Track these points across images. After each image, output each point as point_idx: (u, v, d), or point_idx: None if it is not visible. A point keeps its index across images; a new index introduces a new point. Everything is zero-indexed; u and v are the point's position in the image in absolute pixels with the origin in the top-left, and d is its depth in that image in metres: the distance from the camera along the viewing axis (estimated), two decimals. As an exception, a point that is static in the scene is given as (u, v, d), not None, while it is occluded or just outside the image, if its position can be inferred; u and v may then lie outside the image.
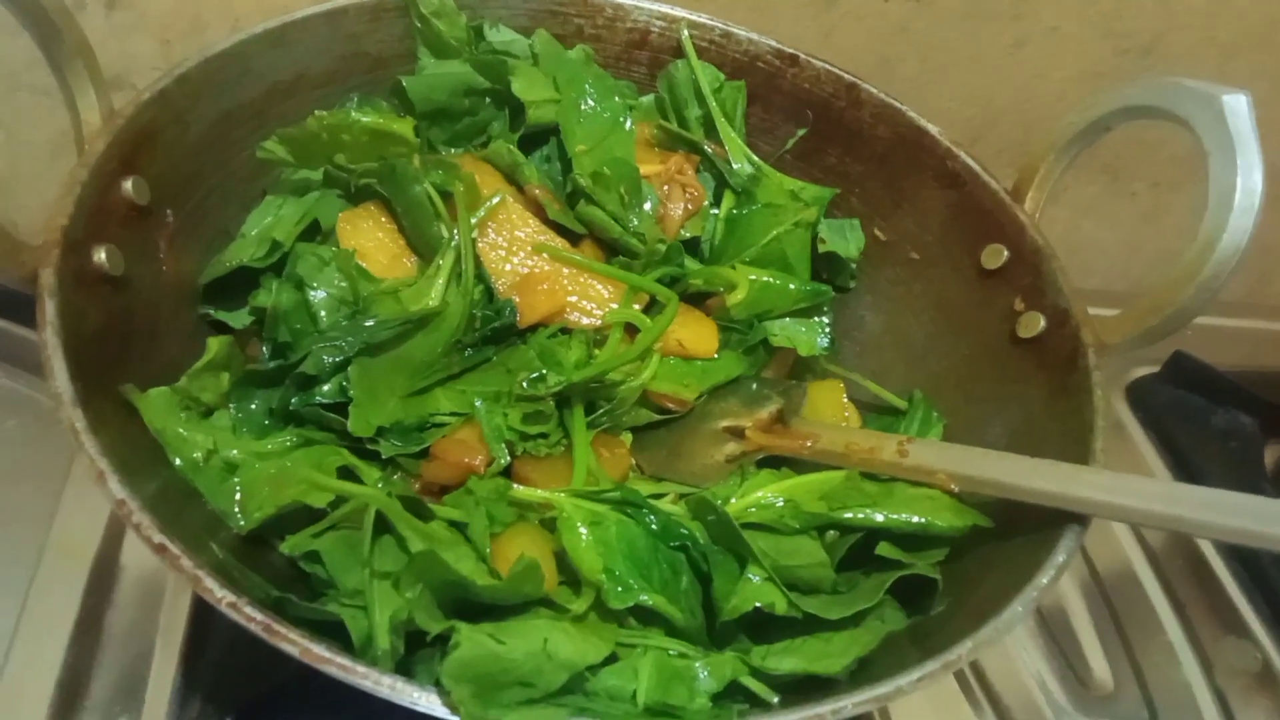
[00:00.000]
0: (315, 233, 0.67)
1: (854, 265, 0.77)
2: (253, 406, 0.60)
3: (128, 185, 0.58)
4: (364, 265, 0.63)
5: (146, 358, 0.57)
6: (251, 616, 0.42)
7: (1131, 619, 0.84)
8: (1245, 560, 0.88)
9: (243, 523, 0.55)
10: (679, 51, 0.79)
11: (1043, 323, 0.67)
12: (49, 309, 0.49)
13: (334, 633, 0.48)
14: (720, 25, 0.79)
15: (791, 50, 0.78)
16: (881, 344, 0.77)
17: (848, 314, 0.79)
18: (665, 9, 0.79)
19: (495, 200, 0.66)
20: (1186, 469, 0.95)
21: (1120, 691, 0.80)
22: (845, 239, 0.77)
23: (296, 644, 0.42)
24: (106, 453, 0.45)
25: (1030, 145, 0.73)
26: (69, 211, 0.53)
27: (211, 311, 0.65)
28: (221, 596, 0.42)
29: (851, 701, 0.45)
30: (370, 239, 0.65)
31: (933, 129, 0.74)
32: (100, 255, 0.54)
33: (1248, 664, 0.83)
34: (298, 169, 0.68)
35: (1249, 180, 0.57)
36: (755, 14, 0.89)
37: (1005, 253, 0.70)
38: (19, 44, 0.57)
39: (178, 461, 0.55)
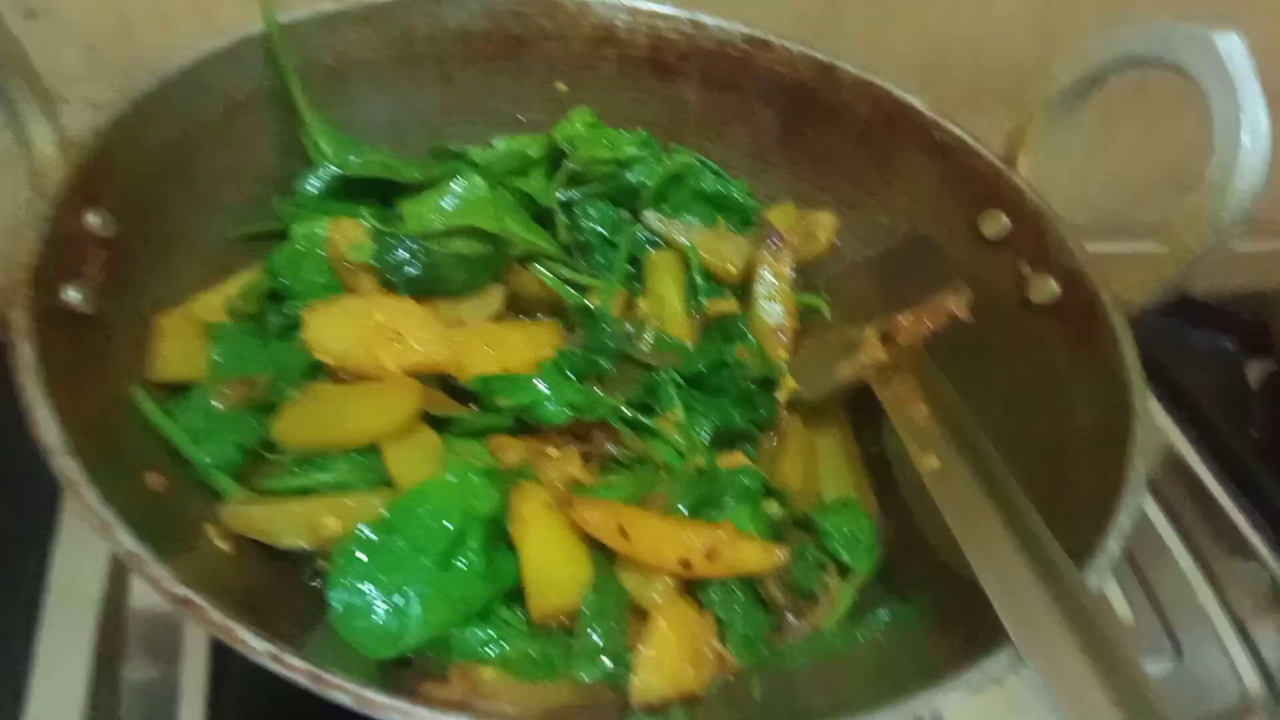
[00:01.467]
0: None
1: None
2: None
3: (91, 217, 0.53)
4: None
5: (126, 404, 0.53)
6: (295, 666, 0.38)
7: (1143, 551, 0.84)
8: (1244, 484, 0.90)
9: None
10: (646, 45, 0.77)
11: (1055, 286, 0.65)
12: (25, 352, 0.44)
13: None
14: (687, 15, 0.77)
15: (763, 36, 0.77)
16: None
17: (845, 293, 0.77)
18: (629, 2, 0.76)
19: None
20: (1174, 394, 0.95)
21: (1141, 622, 0.80)
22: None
23: (349, 692, 0.38)
24: (109, 500, 0.41)
25: (984, 87, 0.73)
26: (34, 248, 0.48)
27: None
28: (260, 649, 0.38)
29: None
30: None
31: (915, 101, 0.73)
32: (70, 294, 0.50)
33: (1258, 585, 0.84)
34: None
35: (1255, 120, 0.56)
36: None
37: (1004, 219, 0.69)
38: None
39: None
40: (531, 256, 0.72)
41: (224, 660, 0.61)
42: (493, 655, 0.53)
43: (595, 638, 0.53)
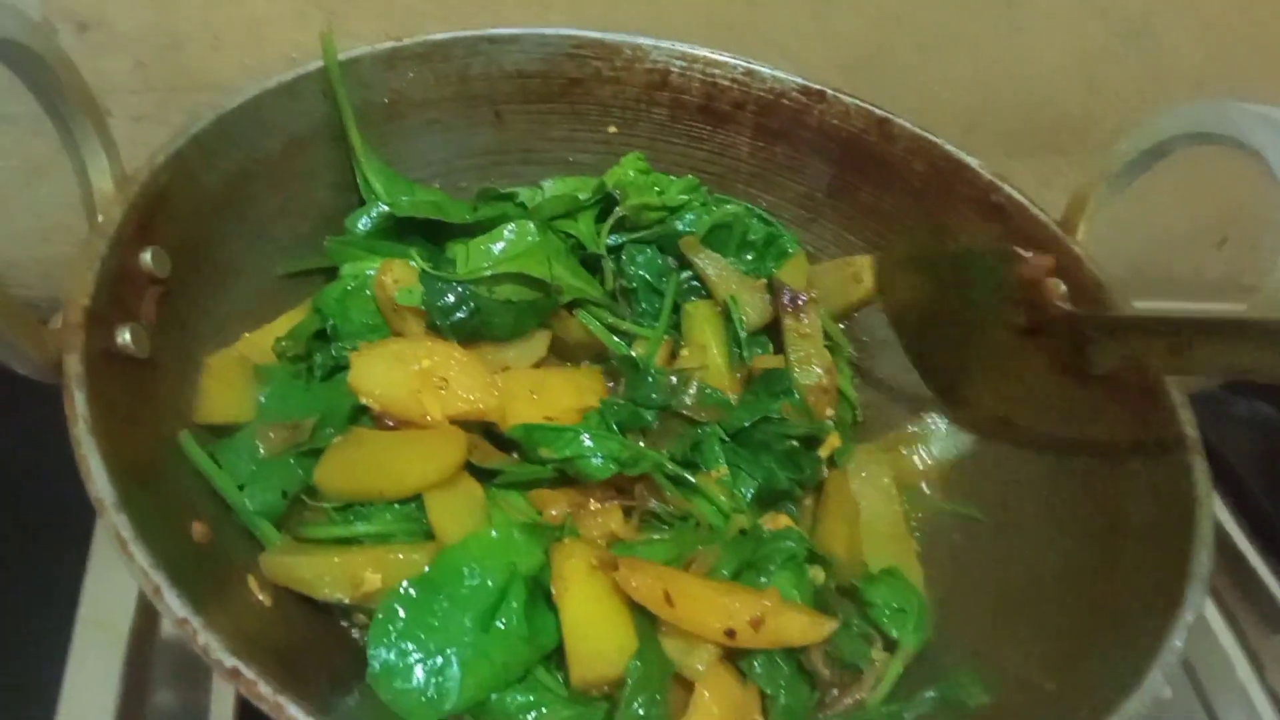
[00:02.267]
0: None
1: None
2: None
3: (147, 256, 0.53)
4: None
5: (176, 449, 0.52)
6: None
7: None
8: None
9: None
10: (700, 92, 0.77)
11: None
12: (79, 401, 0.43)
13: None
14: (743, 64, 0.76)
15: (819, 86, 0.76)
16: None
17: (898, 355, 0.76)
18: (685, 48, 0.76)
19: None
20: (1215, 464, 0.92)
21: (1179, 698, 0.79)
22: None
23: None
24: (157, 557, 0.40)
25: (1026, 132, 0.72)
26: (90, 289, 0.48)
27: None
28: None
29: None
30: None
31: (972, 162, 0.72)
32: (124, 336, 0.49)
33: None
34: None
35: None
36: (750, 8, 0.86)
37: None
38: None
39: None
40: (577, 302, 0.71)
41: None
42: (530, 721, 0.52)
43: (638, 708, 0.51)
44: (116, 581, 0.63)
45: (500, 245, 0.67)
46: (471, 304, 0.64)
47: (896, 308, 0.76)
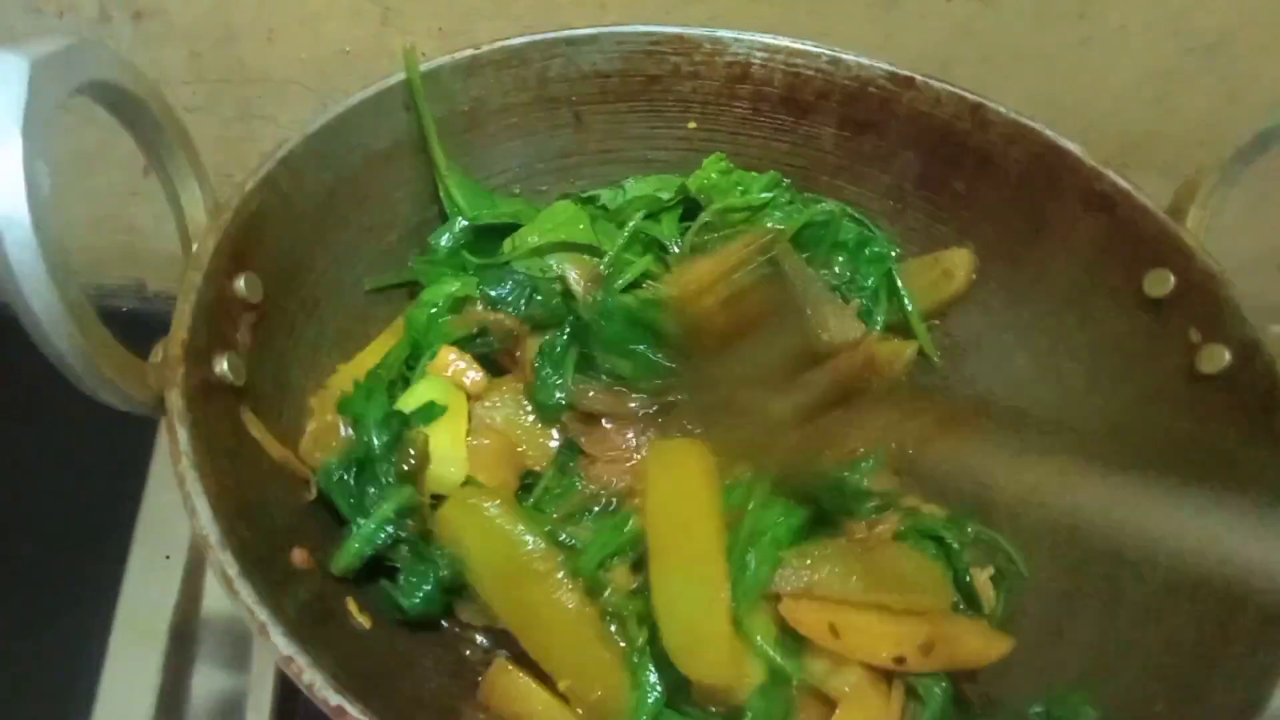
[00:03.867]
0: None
1: None
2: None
3: (240, 284, 0.54)
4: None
5: (276, 476, 0.53)
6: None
7: None
8: None
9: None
10: (782, 83, 0.75)
11: (1227, 355, 0.60)
12: (183, 437, 0.44)
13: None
14: (827, 52, 0.73)
15: (906, 73, 0.73)
16: (1034, 386, 0.71)
17: (990, 354, 0.74)
18: (767, 39, 0.74)
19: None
20: None
21: None
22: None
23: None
24: (265, 599, 0.41)
25: (1093, 150, 0.69)
26: (187, 322, 0.48)
27: None
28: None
29: None
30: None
31: (1074, 148, 0.69)
32: (222, 366, 0.50)
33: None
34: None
35: None
36: (815, 17, 0.84)
37: (1172, 279, 0.64)
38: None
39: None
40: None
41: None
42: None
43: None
44: (155, 580, 0.65)
45: (543, 225, 0.68)
46: (528, 288, 0.64)
47: None
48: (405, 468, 0.52)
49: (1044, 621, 0.63)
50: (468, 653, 0.55)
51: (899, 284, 0.75)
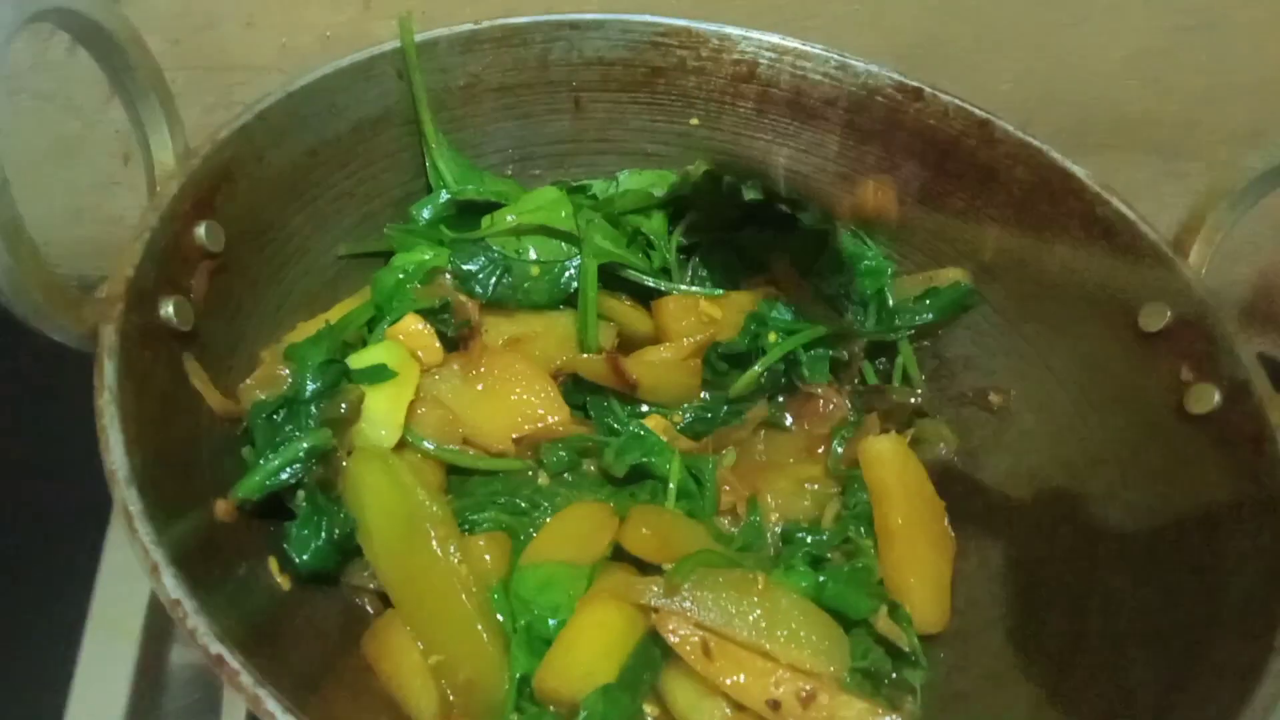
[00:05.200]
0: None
1: None
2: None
3: (200, 231, 0.53)
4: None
5: (216, 426, 0.52)
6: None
7: None
8: None
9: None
10: (789, 86, 0.73)
11: (1217, 397, 0.58)
12: (108, 372, 0.44)
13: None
14: (836, 57, 0.72)
15: (915, 84, 0.71)
16: (1020, 414, 0.69)
17: (976, 376, 0.71)
18: (775, 39, 0.72)
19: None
20: None
21: None
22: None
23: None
24: (164, 540, 0.40)
25: (1084, 129, 0.67)
26: (135, 260, 0.48)
27: None
28: (284, 720, 0.36)
29: None
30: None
31: (1079, 171, 0.66)
32: (168, 309, 0.50)
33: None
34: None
35: None
36: None
37: (1168, 313, 0.61)
38: (22, 46, 0.52)
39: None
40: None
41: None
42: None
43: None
44: (129, 581, 0.63)
45: (523, 206, 0.67)
46: (500, 267, 0.63)
47: None
48: (332, 416, 0.51)
49: (990, 669, 0.60)
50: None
51: (889, 300, 0.73)
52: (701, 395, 0.69)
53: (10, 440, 0.75)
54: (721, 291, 0.72)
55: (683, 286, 0.72)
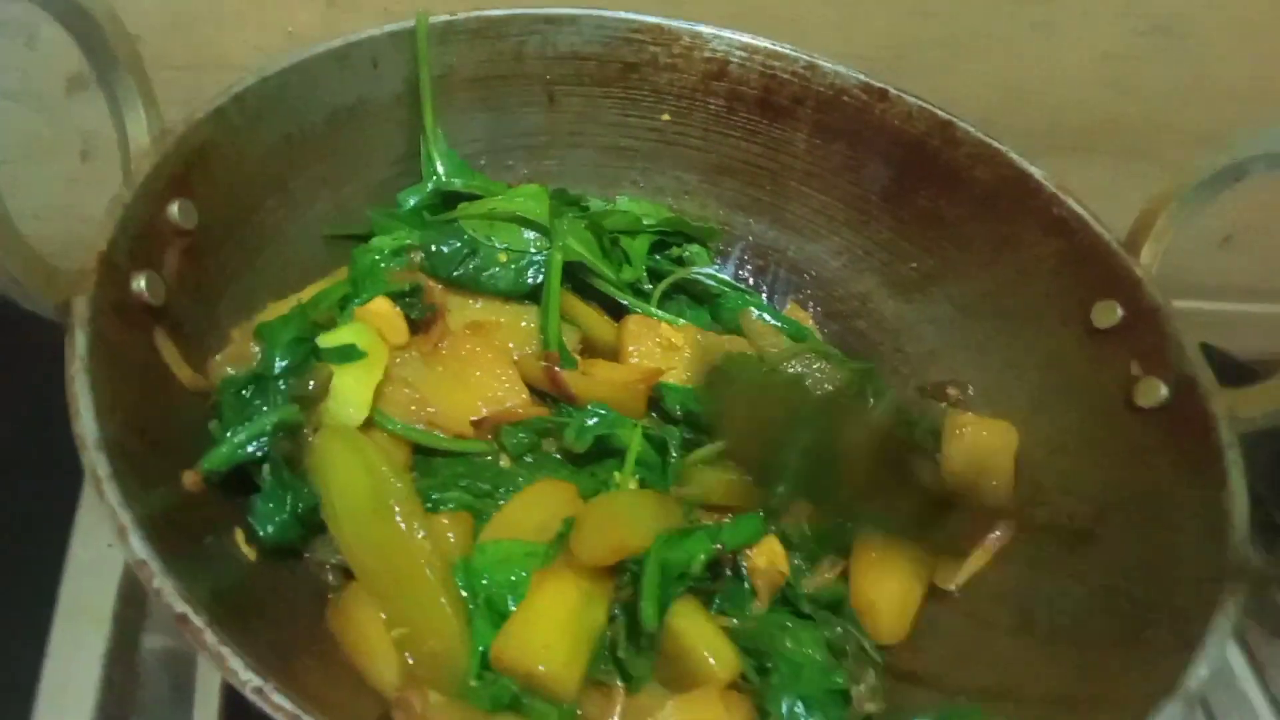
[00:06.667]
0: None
1: None
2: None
3: (174, 209, 0.54)
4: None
5: (188, 401, 0.53)
6: (280, 705, 0.37)
7: (1219, 699, 0.76)
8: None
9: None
10: (759, 84, 0.75)
11: (1164, 390, 0.60)
12: (79, 342, 0.45)
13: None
14: (805, 57, 0.74)
15: (880, 85, 0.73)
16: (978, 407, 0.70)
17: (940, 368, 0.73)
18: (746, 39, 0.74)
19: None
20: (1266, 531, 0.85)
21: None
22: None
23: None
24: (132, 504, 0.41)
25: (1051, 132, 0.68)
26: (109, 235, 0.49)
27: None
28: (247, 681, 0.37)
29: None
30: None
31: (1037, 173, 0.68)
32: (140, 283, 0.50)
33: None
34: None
35: None
36: None
37: (1119, 310, 0.63)
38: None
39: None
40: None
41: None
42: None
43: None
44: (99, 571, 0.62)
45: (504, 198, 0.68)
46: (468, 248, 0.64)
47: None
48: (300, 393, 0.52)
49: (953, 642, 0.62)
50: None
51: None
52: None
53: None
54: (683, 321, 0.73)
55: (651, 308, 0.72)
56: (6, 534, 0.64)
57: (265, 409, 0.52)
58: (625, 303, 0.71)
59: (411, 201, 0.70)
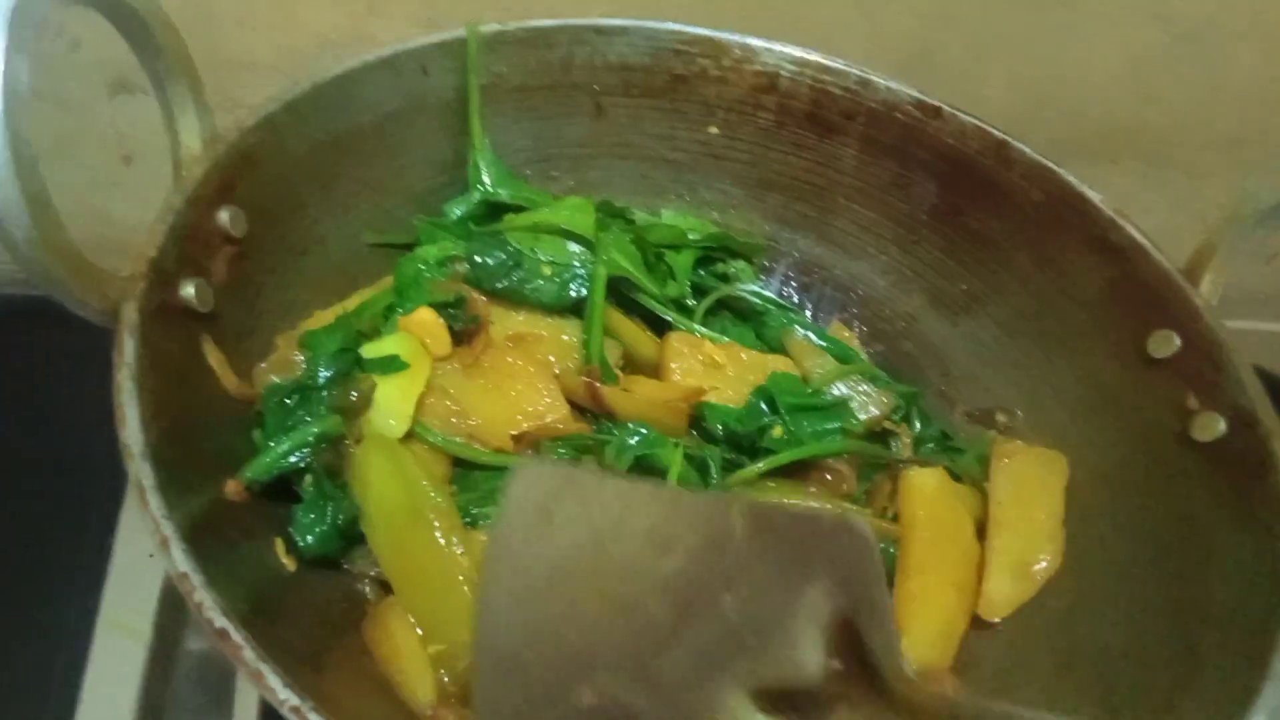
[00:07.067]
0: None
1: None
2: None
3: (223, 216, 0.54)
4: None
5: (228, 408, 0.53)
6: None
7: None
8: None
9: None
10: (809, 99, 0.74)
11: (1223, 426, 0.58)
12: (128, 348, 0.45)
13: None
14: (857, 72, 0.73)
15: (935, 102, 0.72)
16: (1030, 435, 0.69)
17: (988, 394, 0.72)
18: (798, 53, 0.73)
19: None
20: None
21: None
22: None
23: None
24: (175, 516, 0.40)
25: (1075, 138, 0.67)
26: (159, 242, 0.49)
27: None
28: (285, 699, 0.37)
29: None
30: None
31: (1094, 195, 0.67)
32: (189, 290, 0.50)
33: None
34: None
35: None
36: (796, 1, 0.83)
37: (1177, 340, 0.62)
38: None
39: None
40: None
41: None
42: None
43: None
44: (140, 580, 0.63)
45: (549, 210, 0.68)
46: (513, 260, 0.64)
47: None
48: (343, 403, 0.52)
49: (996, 675, 0.60)
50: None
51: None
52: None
53: (20, 435, 0.74)
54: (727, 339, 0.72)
55: (694, 325, 0.71)
56: (49, 541, 0.64)
57: (308, 419, 0.51)
58: (668, 318, 0.71)
59: (458, 212, 0.70)
